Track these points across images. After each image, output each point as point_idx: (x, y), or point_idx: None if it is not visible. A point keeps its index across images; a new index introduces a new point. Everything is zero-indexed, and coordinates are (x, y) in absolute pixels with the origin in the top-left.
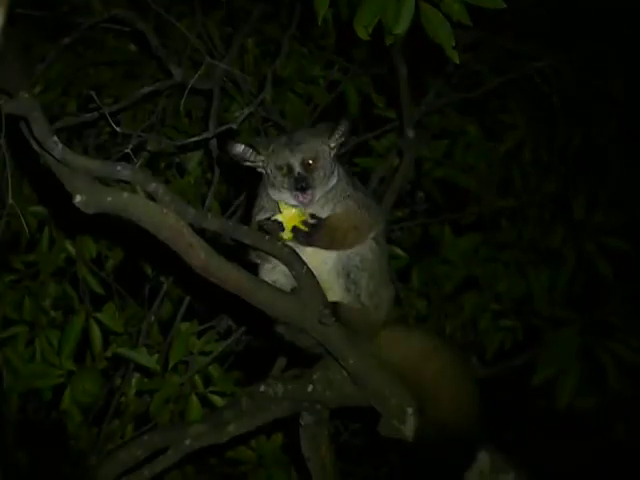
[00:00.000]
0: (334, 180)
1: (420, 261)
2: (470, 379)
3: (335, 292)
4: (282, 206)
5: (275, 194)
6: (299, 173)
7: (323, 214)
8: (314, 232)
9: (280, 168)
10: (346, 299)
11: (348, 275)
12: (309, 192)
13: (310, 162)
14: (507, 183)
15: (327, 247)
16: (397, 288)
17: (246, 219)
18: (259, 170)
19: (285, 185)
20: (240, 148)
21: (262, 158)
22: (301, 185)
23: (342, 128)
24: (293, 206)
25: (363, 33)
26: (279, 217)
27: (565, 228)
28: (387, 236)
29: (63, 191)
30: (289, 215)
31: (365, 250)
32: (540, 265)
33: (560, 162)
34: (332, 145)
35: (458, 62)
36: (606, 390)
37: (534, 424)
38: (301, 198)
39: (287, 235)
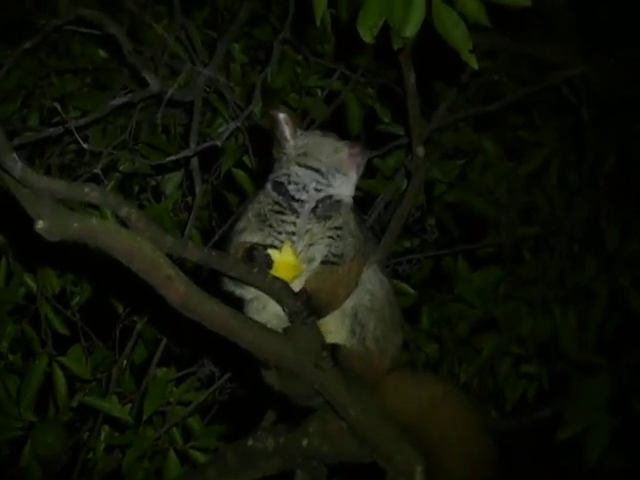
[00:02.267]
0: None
1: (431, 299)
2: (486, 432)
3: (338, 334)
4: (285, 247)
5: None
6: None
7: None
8: (309, 307)
9: (297, 152)
10: (349, 342)
11: (355, 315)
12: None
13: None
14: (530, 209)
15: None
16: (404, 329)
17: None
18: (277, 151)
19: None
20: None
21: (290, 147)
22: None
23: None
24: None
25: (368, 36)
26: (274, 255)
27: (596, 261)
28: (393, 270)
29: (23, 216)
30: (286, 259)
31: (376, 287)
32: (568, 303)
33: (591, 185)
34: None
35: (476, 67)
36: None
37: None
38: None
39: (275, 273)
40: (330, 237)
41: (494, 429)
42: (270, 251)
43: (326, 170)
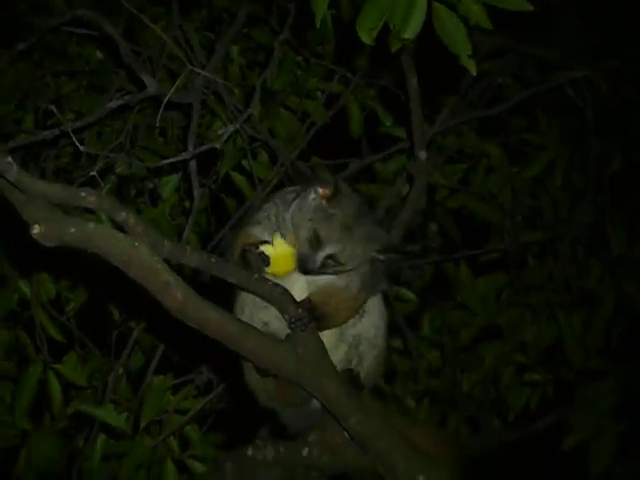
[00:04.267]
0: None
1: (432, 305)
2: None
3: (331, 356)
4: (276, 239)
5: (289, 219)
6: (316, 259)
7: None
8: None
9: (315, 236)
10: (340, 367)
11: (357, 346)
12: (307, 273)
13: (336, 260)
14: (535, 214)
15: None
16: (406, 336)
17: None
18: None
19: (302, 241)
20: (324, 176)
21: (318, 200)
22: (306, 267)
23: (397, 257)
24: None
25: (367, 37)
26: (268, 250)
27: (602, 265)
28: (393, 277)
29: (18, 221)
30: (281, 252)
31: (380, 322)
32: (573, 309)
33: (596, 189)
34: (373, 257)
35: (475, 73)
36: None
37: None
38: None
39: (272, 269)
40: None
41: (497, 439)
42: (263, 247)
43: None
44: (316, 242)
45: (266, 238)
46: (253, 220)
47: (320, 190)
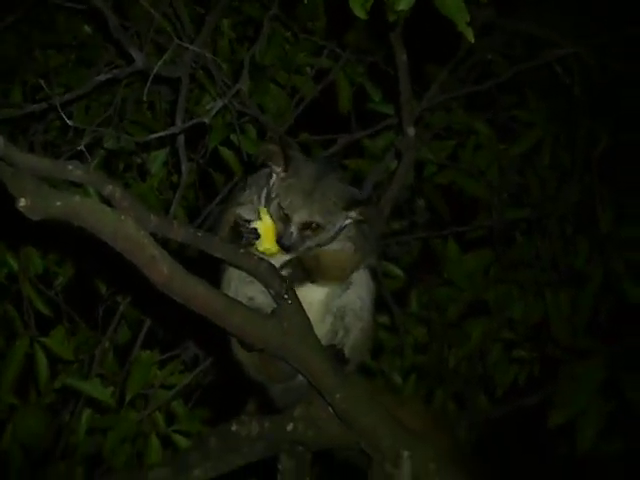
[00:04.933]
0: (328, 242)
1: (420, 281)
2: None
3: (317, 329)
4: (263, 213)
5: (265, 204)
6: (291, 232)
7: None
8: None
9: (281, 208)
10: (326, 340)
11: (342, 318)
12: (289, 252)
13: (312, 227)
14: (522, 191)
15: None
16: (393, 312)
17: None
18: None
19: (276, 221)
20: (272, 149)
21: (277, 175)
22: (284, 244)
23: (372, 211)
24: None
25: (360, 11)
26: (257, 224)
27: (589, 243)
28: (381, 253)
29: (5, 194)
30: (268, 225)
31: (367, 294)
32: (560, 287)
33: (584, 167)
34: (351, 216)
35: (472, 40)
36: (635, 432)
37: (551, 471)
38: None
39: (263, 246)
40: None
41: (484, 415)
42: (254, 223)
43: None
44: (285, 216)
45: (252, 218)
46: (238, 200)
47: (275, 166)
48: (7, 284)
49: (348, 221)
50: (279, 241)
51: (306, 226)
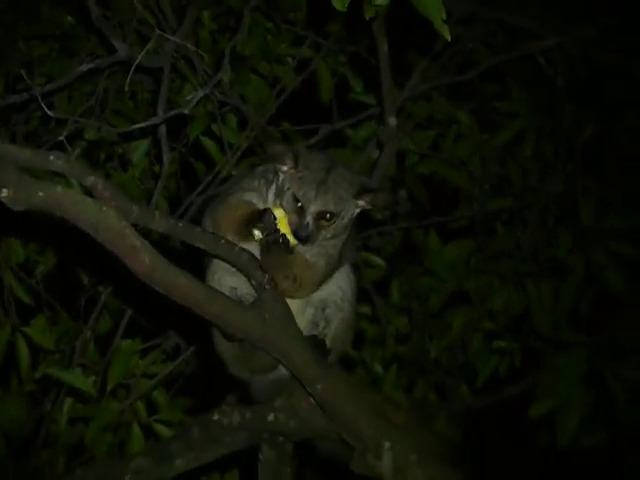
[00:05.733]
0: (338, 237)
1: (401, 271)
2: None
3: (298, 321)
4: (275, 209)
5: (274, 199)
6: (307, 223)
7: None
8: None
9: (295, 200)
10: (307, 332)
11: (324, 309)
12: (307, 243)
13: (327, 217)
14: (504, 181)
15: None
16: (375, 303)
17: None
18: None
19: (288, 214)
20: (278, 150)
21: (286, 169)
22: (301, 236)
23: (383, 198)
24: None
25: (340, 3)
26: (278, 213)
27: (571, 235)
28: (363, 242)
29: None
30: (281, 216)
31: (347, 286)
32: (541, 277)
33: (566, 158)
34: (360, 205)
35: (449, 38)
36: (616, 424)
37: (532, 463)
38: (295, 240)
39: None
40: None
41: (465, 406)
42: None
43: None
44: (299, 208)
45: (260, 205)
46: (244, 187)
47: (282, 165)
48: None
49: (357, 210)
50: (295, 233)
51: (321, 216)
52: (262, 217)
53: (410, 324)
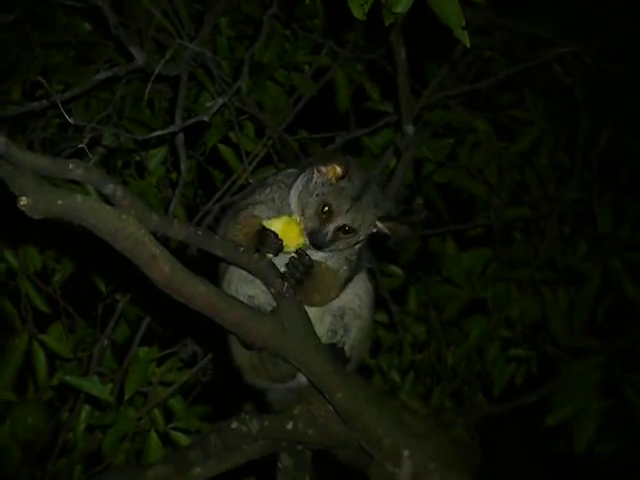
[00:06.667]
0: (350, 250)
1: (418, 280)
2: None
3: (316, 328)
4: (282, 216)
5: (294, 200)
6: (327, 232)
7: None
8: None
9: (324, 207)
10: (326, 340)
11: (342, 317)
12: (318, 249)
13: (347, 230)
14: (521, 190)
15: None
16: (392, 311)
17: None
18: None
19: (307, 217)
20: (331, 154)
21: (328, 174)
22: (317, 242)
23: (403, 230)
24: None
25: (359, 12)
26: (275, 226)
27: (588, 243)
28: (380, 251)
29: (5, 192)
30: (287, 227)
31: (364, 294)
32: (558, 286)
33: (583, 166)
34: (380, 227)
35: (469, 45)
36: (632, 432)
37: (548, 470)
38: (309, 244)
39: (290, 247)
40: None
41: (482, 414)
42: (267, 223)
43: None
44: (326, 216)
45: (270, 216)
46: (256, 199)
47: (328, 169)
48: (6, 281)
49: (375, 230)
50: (312, 237)
51: (342, 229)
52: (263, 240)
53: (427, 332)
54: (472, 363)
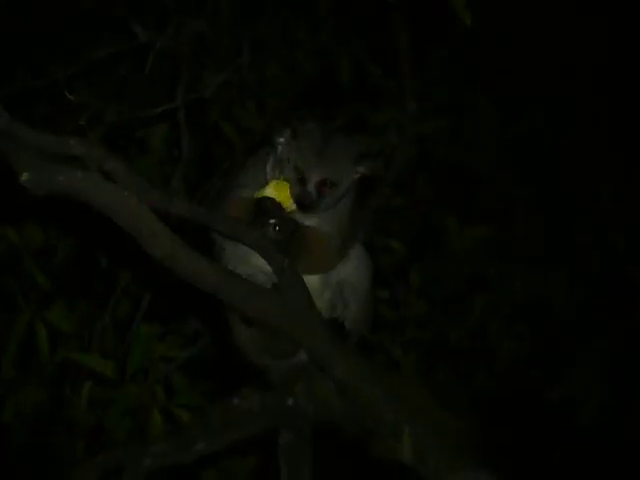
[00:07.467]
0: (341, 205)
1: (421, 256)
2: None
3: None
4: (271, 183)
5: (271, 175)
6: (310, 192)
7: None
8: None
9: (297, 171)
10: (325, 316)
11: (341, 291)
12: (310, 211)
13: (329, 184)
14: (524, 166)
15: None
16: (394, 287)
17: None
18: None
19: (292, 186)
20: (277, 123)
21: (284, 141)
22: (304, 204)
23: (380, 164)
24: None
25: None
26: (268, 192)
27: (591, 221)
28: (384, 228)
29: (6, 168)
30: (276, 186)
31: (363, 267)
32: (561, 262)
33: (587, 144)
34: (360, 170)
35: (469, 24)
36: (635, 407)
37: (551, 445)
38: (298, 209)
39: (291, 208)
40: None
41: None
42: (263, 192)
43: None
44: (301, 176)
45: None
46: (240, 182)
47: (283, 134)
48: (8, 258)
49: (357, 175)
50: (299, 202)
51: (323, 184)
52: (262, 209)
53: (430, 309)
54: (475, 340)
